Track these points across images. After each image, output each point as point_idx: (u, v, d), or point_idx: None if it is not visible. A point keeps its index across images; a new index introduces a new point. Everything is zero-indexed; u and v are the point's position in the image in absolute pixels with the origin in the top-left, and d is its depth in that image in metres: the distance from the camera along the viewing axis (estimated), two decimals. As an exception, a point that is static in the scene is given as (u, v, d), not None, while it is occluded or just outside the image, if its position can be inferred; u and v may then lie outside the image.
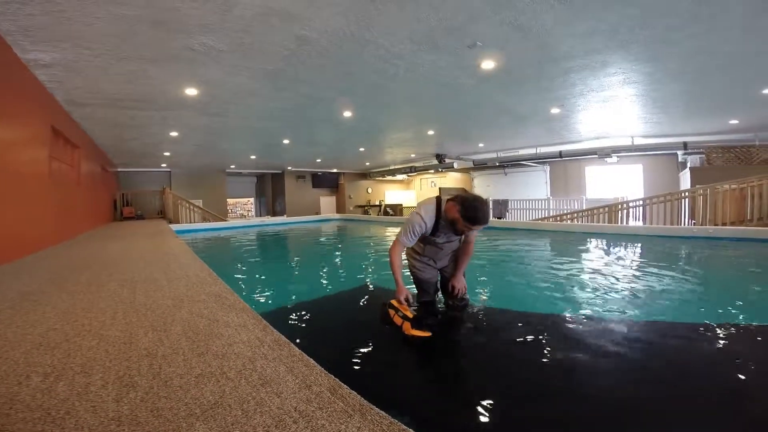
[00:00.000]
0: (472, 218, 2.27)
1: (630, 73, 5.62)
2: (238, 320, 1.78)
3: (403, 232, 2.50)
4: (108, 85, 5.46)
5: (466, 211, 2.27)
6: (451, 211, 2.35)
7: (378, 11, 3.67)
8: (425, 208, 2.47)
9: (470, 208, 2.26)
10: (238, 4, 3.44)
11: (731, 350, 2.15)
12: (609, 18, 3.89)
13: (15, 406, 1.08)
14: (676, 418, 1.53)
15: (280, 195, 20.30)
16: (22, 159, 4.52)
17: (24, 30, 3.74)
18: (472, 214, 2.26)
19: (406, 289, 2.49)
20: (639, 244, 6.63)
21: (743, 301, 3.13)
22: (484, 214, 2.29)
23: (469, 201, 2.29)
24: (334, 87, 6.10)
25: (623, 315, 2.82)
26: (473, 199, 2.31)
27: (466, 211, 2.27)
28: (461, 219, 2.29)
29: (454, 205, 2.34)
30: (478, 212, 2.26)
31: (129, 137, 9.35)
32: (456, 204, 2.33)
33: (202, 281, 2.70)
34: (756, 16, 3.89)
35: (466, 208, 2.27)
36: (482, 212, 2.28)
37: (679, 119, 8.89)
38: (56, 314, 1.98)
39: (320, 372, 1.24)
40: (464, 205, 2.28)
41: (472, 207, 2.27)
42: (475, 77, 5.75)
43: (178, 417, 1.00)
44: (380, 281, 4.20)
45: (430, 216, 2.45)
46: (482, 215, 2.28)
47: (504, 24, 3.99)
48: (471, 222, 2.28)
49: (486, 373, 2.01)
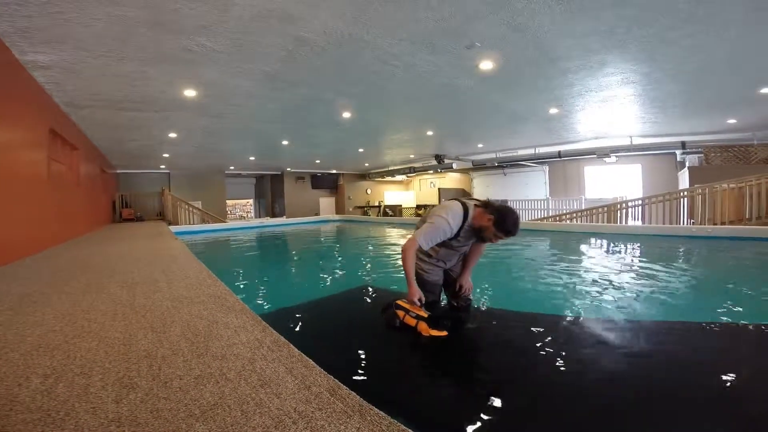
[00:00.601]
0: (506, 230, 2.26)
1: (628, 73, 5.64)
2: (237, 321, 1.79)
3: (424, 236, 2.36)
4: (107, 86, 5.46)
5: (500, 221, 2.25)
6: (482, 219, 2.33)
7: (376, 12, 3.68)
8: (452, 214, 2.37)
9: (505, 219, 2.25)
10: (236, 5, 3.45)
11: (731, 349, 2.16)
12: (606, 18, 3.90)
13: (15, 407, 1.09)
14: (676, 418, 1.53)
15: (279, 196, 20.31)
16: (20, 161, 4.52)
17: (22, 31, 3.74)
18: (507, 225, 2.25)
19: (419, 289, 2.45)
20: (638, 243, 6.64)
21: (742, 300, 3.14)
22: (516, 224, 2.28)
23: (504, 211, 2.28)
24: (333, 88, 6.11)
25: (623, 315, 2.82)
26: (506, 209, 2.30)
27: (500, 221, 2.25)
28: (493, 228, 2.28)
29: (485, 213, 2.32)
30: (512, 223, 2.26)
31: (128, 139, 9.34)
32: (488, 213, 2.31)
33: (202, 283, 2.70)
34: (752, 16, 3.90)
35: (501, 218, 2.26)
36: (516, 223, 2.28)
37: (677, 119, 8.91)
38: (56, 316, 1.98)
39: (319, 373, 1.24)
40: (499, 214, 2.27)
41: (506, 217, 2.26)
42: (473, 78, 5.76)
43: (178, 418, 1.00)
44: (379, 282, 4.19)
45: (457, 223, 2.37)
46: (515, 226, 2.28)
47: (502, 24, 4.00)
48: (504, 232, 2.27)
49: (486, 374, 2.01)
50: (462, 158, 15.59)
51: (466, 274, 2.79)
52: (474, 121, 9.23)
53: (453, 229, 2.37)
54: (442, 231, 2.36)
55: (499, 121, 9.21)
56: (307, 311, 3.11)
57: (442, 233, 2.37)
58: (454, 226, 2.36)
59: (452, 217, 2.36)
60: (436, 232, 2.36)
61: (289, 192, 19.93)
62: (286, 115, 7.79)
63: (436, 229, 2.36)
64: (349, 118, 8.23)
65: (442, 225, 2.35)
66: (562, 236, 8.13)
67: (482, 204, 2.40)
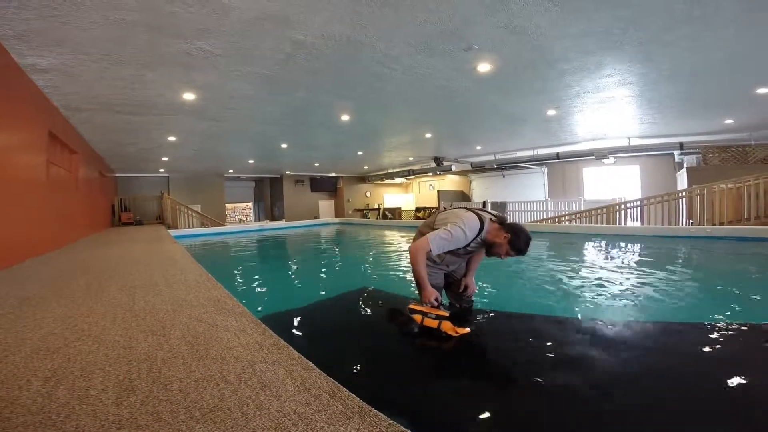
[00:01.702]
0: (519, 248, 2.34)
1: (625, 74, 5.66)
2: (237, 324, 1.79)
3: (438, 242, 2.34)
4: (105, 90, 5.47)
5: (516, 240, 2.33)
6: (497, 235, 2.38)
7: (374, 15, 3.70)
8: (470, 227, 2.37)
9: (520, 238, 2.33)
10: (234, 8, 3.46)
11: (731, 349, 2.15)
12: (602, 19, 3.92)
13: (16, 410, 1.09)
14: (677, 420, 1.53)
15: (278, 199, 20.31)
16: (19, 164, 4.53)
17: (21, 34, 3.75)
18: (520, 244, 2.33)
19: (434, 290, 2.43)
20: (637, 244, 6.65)
21: (742, 299, 3.15)
22: (528, 244, 2.36)
23: (518, 231, 2.35)
24: (332, 91, 6.12)
25: (623, 316, 2.83)
26: (521, 228, 2.37)
27: (516, 240, 2.33)
28: (507, 246, 2.34)
29: (501, 230, 2.38)
30: (524, 242, 2.33)
31: (127, 142, 9.35)
32: (504, 230, 2.37)
33: (201, 286, 2.70)
34: (748, 16, 3.93)
35: (517, 237, 2.33)
36: (528, 243, 2.35)
37: (674, 119, 8.94)
38: (55, 319, 1.98)
39: (319, 375, 1.24)
40: (514, 234, 2.34)
41: (521, 237, 2.33)
42: (471, 80, 5.78)
43: (178, 420, 1.01)
44: (378, 284, 4.19)
45: (472, 235, 2.39)
46: (527, 246, 2.35)
47: (499, 27, 4.02)
48: (517, 251, 2.35)
49: (486, 375, 2.01)
50: (461, 160, 15.61)
51: (469, 275, 2.80)
52: (472, 123, 9.25)
53: (468, 240, 2.39)
54: (456, 241, 2.36)
55: (497, 123, 9.23)
56: (306, 314, 3.11)
57: (455, 243, 2.38)
58: (470, 237, 2.39)
59: (469, 230, 2.37)
60: (450, 241, 2.36)
61: (288, 195, 19.94)
62: (285, 118, 7.80)
63: (451, 238, 2.35)
64: (347, 120, 8.24)
65: (459, 236, 2.35)
66: (562, 238, 8.14)
67: (498, 220, 2.44)
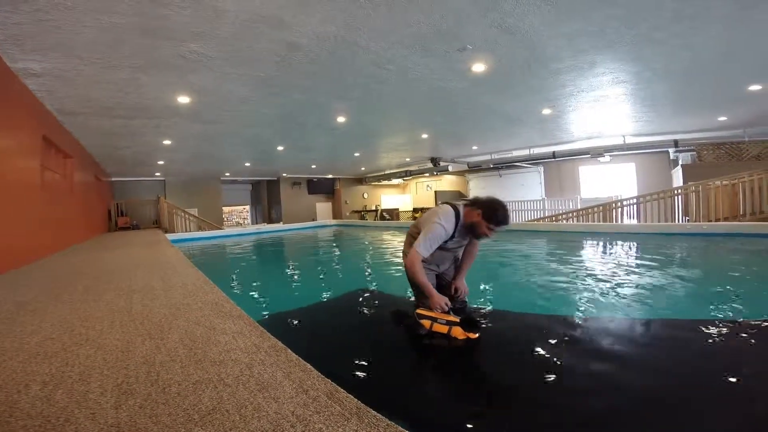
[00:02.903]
0: (497, 221, 2.32)
1: (618, 72, 5.70)
2: (235, 327, 1.79)
3: (423, 244, 2.38)
4: (99, 93, 5.45)
5: (489, 213, 2.32)
6: (471, 215, 2.39)
7: (368, 16, 3.71)
8: (445, 218, 2.42)
9: (493, 211, 2.32)
10: (227, 11, 3.46)
11: (729, 346, 2.16)
12: (595, 18, 3.95)
13: (15, 413, 1.10)
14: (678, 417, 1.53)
15: (275, 202, 20.26)
16: (13, 169, 4.50)
17: (12, 38, 3.72)
18: (497, 217, 2.31)
19: (442, 295, 2.44)
20: (634, 241, 6.68)
21: (739, 296, 3.16)
22: (505, 215, 2.33)
23: (490, 204, 2.34)
24: (327, 92, 6.12)
25: (622, 313, 2.84)
26: (493, 201, 2.36)
27: (489, 213, 2.32)
28: (483, 221, 2.33)
29: (473, 210, 2.38)
30: (501, 214, 2.32)
31: (122, 146, 9.31)
32: (476, 209, 2.37)
33: (199, 289, 2.70)
34: (738, 14, 3.96)
35: (489, 210, 2.32)
36: (505, 213, 2.34)
37: (668, 117, 9.00)
38: (53, 324, 1.97)
39: (317, 376, 1.25)
40: (486, 207, 2.33)
41: (494, 209, 2.32)
42: (466, 80, 5.80)
43: (177, 423, 1.01)
44: (377, 285, 4.19)
45: (451, 225, 2.42)
46: (504, 217, 2.33)
47: (492, 26, 4.04)
48: (495, 224, 2.32)
49: (485, 375, 2.02)
50: (457, 160, 15.64)
51: (460, 277, 2.80)
52: (468, 123, 9.27)
53: (449, 232, 2.41)
54: (438, 236, 2.40)
55: (493, 123, 9.26)
56: (304, 316, 3.11)
57: (439, 238, 2.41)
58: (449, 228, 2.41)
59: (445, 220, 2.41)
60: (434, 238, 2.40)
61: (286, 197, 19.89)
62: (281, 120, 7.79)
63: (433, 235, 2.39)
64: (344, 122, 8.25)
65: (438, 230, 2.39)
66: (559, 236, 8.17)
67: (470, 202, 2.45)
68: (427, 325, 2.37)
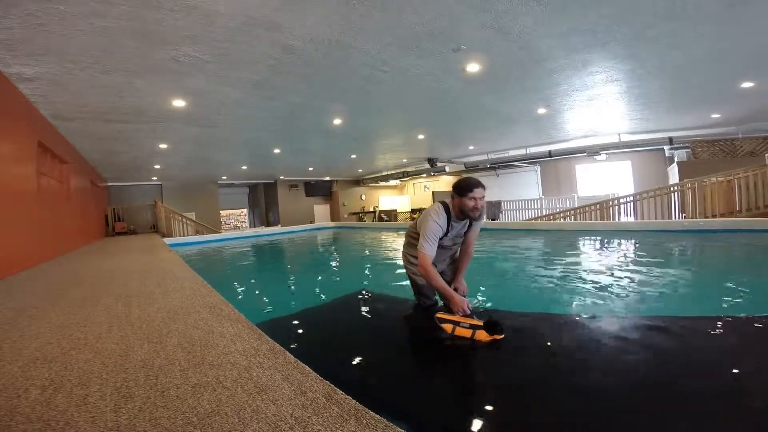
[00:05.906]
0: (469, 188, 2.44)
1: (611, 71, 5.73)
2: (233, 330, 1.79)
3: (425, 243, 2.47)
4: (94, 98, 5.44)
5: (459, 191, 2.47)
6: (454, 203, 2.54)
7: (362, 18, 3.72)
8: (436, 213, 2.55)
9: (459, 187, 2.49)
10: (220, 15, 3.47)
11: (728, 343, 2.15)
12: (587, 17, 3.98)
13: (15, 418, 1.10)
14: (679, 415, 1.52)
15: (273, 205, 20.23)
16: (9, 175, 4.49)
17: (5, 43, 3.70)
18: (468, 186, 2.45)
19: (463, 299, 2.43)
20: (631, 239, 6.70)
21: (737, 291, 3.17)
22: (468, 181, 2.48)
23: (456, 184, 2.53)
24: (323, 95, 6.13)
25: (621, 311, 2.84)
26: (458, 179, 2.55)
27: (459, 191, 2.47)
28: (460, 198, 2.47)
29: (453, 198, 2.55)
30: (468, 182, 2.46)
31: (118, 151, 9.29)
32: (452, 194, 2.55)
33: (197, 293, 2.70)
34: (728, 12, 4.00)
35: (458, 189, 2.49)
36: (467, 180, 2.49)
37: (663, 115, 9.06)
38: (52, 329, 1.97)
39: (315, 378, 1.25)
40: (455, 188, 2.51)
41: (460, 183, 2.49)
42: (461, 80, 5.83)
43: (176, 425, 1.01)
44: (376, 287, 4.20)
45: (443, 218, 2.53)
46: (468, 182, 2.47)
47: (486, 27, 4.06)
48: (469, 190, 2.44)
49: (485, 376, 2.01)
50: (454, 161, 15.69)
51: (459, 276, 2.82)
52: (464, 124, 9.30)
53: (442, 226, 2.53)
54: (435, 230, 2.51)
55: (488, 123, 9.29)
56: (302, 318, 3.11)
57: (436, 232, 2.52)
58: (442, 222, 2.53)
59: (437, 215, 2.54)
60: (431, 234, 2.50)
61: (283, 200, 19.87)
62: (277, 122, 7.80)
63: (430, 231, 2.49)
64: (340, 124, 8.26)
65: (432, 226, 2.50)
66: (556, 235, 8.18)
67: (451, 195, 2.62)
68: (449, 329, 2.32)
